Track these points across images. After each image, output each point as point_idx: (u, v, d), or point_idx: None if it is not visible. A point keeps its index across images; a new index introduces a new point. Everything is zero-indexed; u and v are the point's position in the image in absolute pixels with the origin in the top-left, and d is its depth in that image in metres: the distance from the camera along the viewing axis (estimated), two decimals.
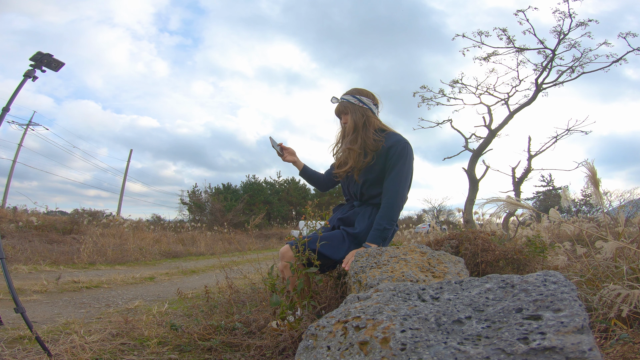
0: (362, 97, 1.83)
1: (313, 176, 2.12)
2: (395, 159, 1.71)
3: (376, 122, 1.81)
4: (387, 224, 1.69)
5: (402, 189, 1.72)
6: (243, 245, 10.11)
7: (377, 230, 1.68)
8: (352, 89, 1.88)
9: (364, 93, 1.85)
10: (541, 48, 7.76)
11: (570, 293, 0.58)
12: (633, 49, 6.99)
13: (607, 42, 7.22)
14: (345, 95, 1.85)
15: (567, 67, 7.73)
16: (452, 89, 9.01)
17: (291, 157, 2.06)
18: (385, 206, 1.71)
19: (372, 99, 1.85)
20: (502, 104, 8.50)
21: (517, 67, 8.23)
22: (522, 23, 7.61)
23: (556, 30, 7.46)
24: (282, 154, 2.04)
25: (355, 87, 1.89)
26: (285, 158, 2.05)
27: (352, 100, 1.82)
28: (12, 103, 1.63)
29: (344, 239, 1.73)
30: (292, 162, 2.07)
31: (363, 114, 1.79)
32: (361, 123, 1.77)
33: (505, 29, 7.87)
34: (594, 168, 1.55)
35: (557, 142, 7.89)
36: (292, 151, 2.07)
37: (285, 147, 2.07)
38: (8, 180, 17.22)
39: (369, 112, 1.81)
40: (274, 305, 1.49)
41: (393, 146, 1.72)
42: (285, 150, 2.06)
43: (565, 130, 7.80)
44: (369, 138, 1.75)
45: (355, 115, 1.79)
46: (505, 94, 8.50)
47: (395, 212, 1.71)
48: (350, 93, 1.85)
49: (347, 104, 1.83)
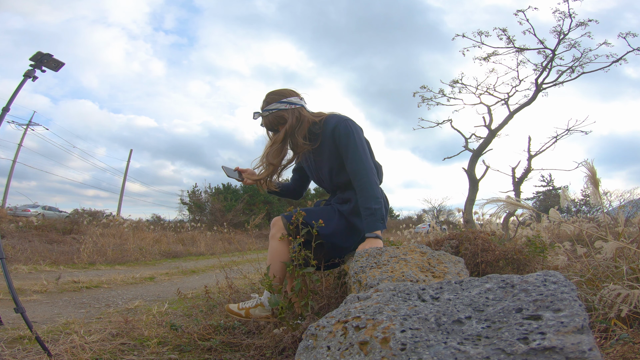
0: (290, 98, 1.68)
1: (282, 189, 1.99)
2: (345, 139, 1.61)
3: (308, 119, 1.69)
4: (373, 203, 1.56)
5: (367, 162, 1.61)
6: (243, 245, 10.11)
7: (368, 216, 1.56)
8: (270, 95, 1.71)
9: (286, 93, 1.70)
10: (541, 48, 7.76)
11: (570, 293, 0.58)
12: (633, 48, 7.00)
13: (607, 42, 7.22)
14: (274, 105, 1.68)
15: (567, 67, 7.74)
16: (452, 89, 9.02)
17: (253, 177, 1.86)
18: (361, 188, 1.59)
19: (297, 95, 1.71)
20: (502, 104, 8.50)
21: (517, 67, 8.23)
22: (522, 23, 7.61)
23: (556, 30, 7.47)
24: (242, 179, 1.87)
25: (273, 91, 1.73)
26: (245, 182, 1.88)
27: (283, 106, 1.66)
28: (12, 103, 1.63)
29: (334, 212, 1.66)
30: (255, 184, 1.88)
31: (297, 117, 1.67)
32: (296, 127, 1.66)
33: (505, 29, 7.88)
34: (594, 168, 1.55)
35: (557, 142, 7.90)
36: (250, 172, 1.87)
37: (242, 169, 1.90)
38: (8, 180, 17.23)
39: (303, 110, 1.70)
40: (273, 306, 1.48)
41: (335, 128, 1.63)
42: (244, 172, 1.89)
43: (565, 130, 7.81)
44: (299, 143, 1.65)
45: (291, 120, 1.66)
46: (505, 94, 8.51)
47: (374, 189, 1.59)
48: (275, 100, 1.68)
49: (281, 113, 1.66)
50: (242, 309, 1.66)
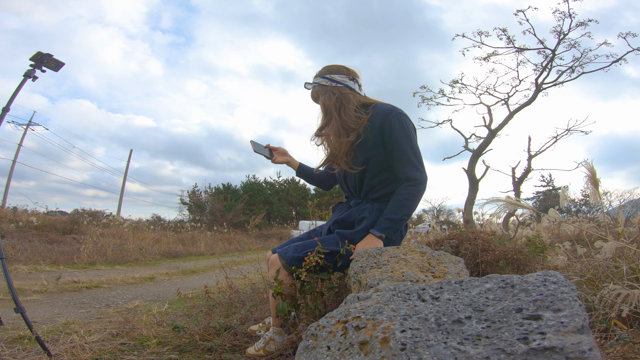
0: (333, 75, 1.59)
1: (312, 174, 1.86)
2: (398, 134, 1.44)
3: (356, 99, 1.56)
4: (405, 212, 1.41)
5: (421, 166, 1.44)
6: (243, 245, 10.11)
7: (389, 220, 1.41)
8: (322, 68, 1.65)
9: (334, 70, 1.61)
10: (541, 48, 7.77)
11: (570, 293, 0.58)
12: (633, 48, 7.01)
13: (607, 42, 7.23)
14: (317, 78, 1.62)
15: (567, 67, 7.75)
16: (452, 89, 9.03)
17: (282, 157, 1.80)
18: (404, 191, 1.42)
19: (345, 74, 1.60)
20: (502, 104, 8.51)
21: (517, 67, 8.24)
22: (522, 23, 7.62)
23: (556, 30, 7.47)
24: (271, 156, 1.79)
25: (326, 65, 1.64)
26: (275, 160, 1.79)
27: (324, 82, 1.59)
28: (12, 103, 1.63)
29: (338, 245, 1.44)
30: (285, 163, 1.82)
31: (336, 93, 1.56)
32: (333, 105, 1.54)
33: (505, 29, 7.89)
34: (594, 168, 1.55)
35: (557, 142, 7.91)
36: (282, 151, 1.81)
37: (273, 147, 1.81)
38: (8, 180, 17.23)
39: (346, 89, 1.57)
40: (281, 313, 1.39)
41: (386, 120, 1.46)
42: (275, 151, 1.80)
43: (565, 131, 7.82)
44: (348, 119, 1.51)
45: (325, 97, 1.57)
46: (505, 94, 8.52)
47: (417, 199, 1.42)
48: (321, 74, 1.62)
49: (318, 88, 1.61)
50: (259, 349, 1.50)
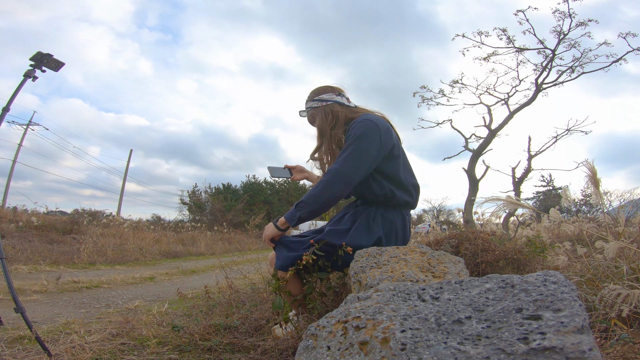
0: (321, 95, 1.66)
1: None
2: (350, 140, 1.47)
3: (343, 115, 1.62)
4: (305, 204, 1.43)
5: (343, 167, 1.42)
6: (243, 245, 10.11)
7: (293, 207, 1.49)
8: (310, 92, 1.72)
9: (320, 91, 1.69)
10: (541, 48, 7.78)
11: (570, 293, 0.58)
12: (633, 48, 7.01)
13: (607, 42, 7.23)
14: (308, 103, 1.70)
15: (567, 67, 7.75)
16: (452, 89, 9.03)
17: (301, 174, 1.91)
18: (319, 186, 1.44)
19: (331, 92, 1.67)
20: (502, 104, 8.51)
21: (517, 67, 8.24)
22: (522, 23, 7.62)
23: (556, 30, 7.48)
24: (291, 175, 1.90)
25: (313, 89, 1.72)
26: (294, 178, 1.89)
27: (315, 104, 1.66)
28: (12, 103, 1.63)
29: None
30: (305, 179, 1.92)
31: (327, 112, 1.62)
32: (328, 124, 1.61)
33: (505, 29, 7.89)
34: (594, 168, 1.55)
35: (557, 142, 7.91)
36: (300, 168, 1.92)
37: (290, 166, 1.92)
38: (8, 180, 17.23)
39: (336, 105, 1.63)
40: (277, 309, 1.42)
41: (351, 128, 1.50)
42: (293, 169, 1.92)
43: (565, 131, 7.82)
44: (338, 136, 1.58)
45: (321, 117, 1.63)
46: (505, 94, 8.52)
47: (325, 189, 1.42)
48: (310, 98, 1.70)
49: (312, 112, 1.68)
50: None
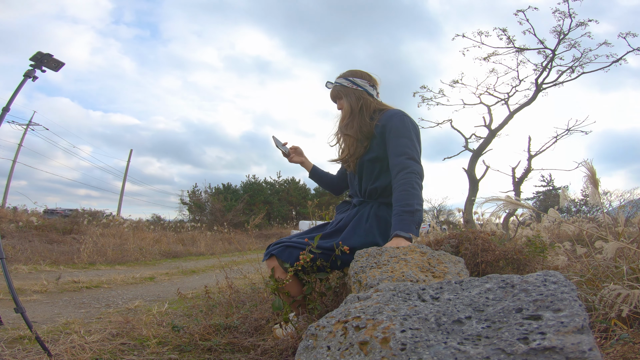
0: (355, 78, 1.69)
1: (324, 177, 1.92)
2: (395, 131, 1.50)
3: (373, 105, 1.66)
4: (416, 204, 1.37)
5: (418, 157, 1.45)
6: (243, 245, 10.11)
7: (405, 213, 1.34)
8: (346, 71, 1.75)
9: (357, 74, 1.72)
10: (541, 48, 7.77)
11: (570, 293, 0.58)
12: (633, 48, 7.01)
13: (607, 42, 7.24)
14: (339, 79, 1.73)
15: (567, 67, 7.75)
16: (452, 89, 9.03)
17: (298, 157, 1.90)
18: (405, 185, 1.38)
19: (367, 80, 1.70)
20: (502, 104, 8.51)
21: (517, 67, 8.24)
22: (522, 23, 7.62)
23: (556, 30, 7.48)
24: (289, 154, 1.88)
25: (350, 69, 1.75)
26: (292, 159, 1.89)
27: (346, 83, 1.69)
28: (12, 103, 1.63)
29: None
30: (300, 163, 1.90)
31: (359, 97, 1.65)
32: (357, 107, 1.63)
33: (505, 29, 7.89)
34: (593, 168, 1.55)
35: (557, 142, 7.92)
36: (299, 151, 1.91)
37: (293, 147, 1.91)
38: (8, 180, 17.24)
39: (365, 94, 1.67)
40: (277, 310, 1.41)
41: (389, 121, 1.54)
42: (292, 149, 1.90)
43: (565, 131, 7.82)
44: (365, 123, 1.60)
45: (350, 98, 1.65)
46: (505, 94, 8.52)
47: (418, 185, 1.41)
48: (344, 76, 1.73)
49: (340, 88, 1.70)
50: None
